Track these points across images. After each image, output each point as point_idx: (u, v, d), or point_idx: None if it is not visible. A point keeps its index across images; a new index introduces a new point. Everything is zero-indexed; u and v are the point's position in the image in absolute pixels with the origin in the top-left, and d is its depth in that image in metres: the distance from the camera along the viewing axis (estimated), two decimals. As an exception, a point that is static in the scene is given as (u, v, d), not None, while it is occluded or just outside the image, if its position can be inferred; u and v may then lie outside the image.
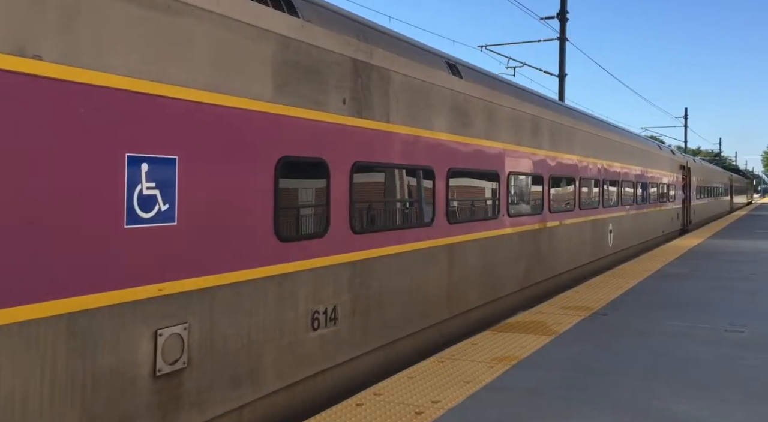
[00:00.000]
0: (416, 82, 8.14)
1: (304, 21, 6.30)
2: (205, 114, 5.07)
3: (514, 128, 11.20)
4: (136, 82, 4.52)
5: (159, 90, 4.69)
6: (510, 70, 26.49)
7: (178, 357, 4.83)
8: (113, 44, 4.37)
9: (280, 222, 5.86)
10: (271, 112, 5.77)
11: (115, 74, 4.38)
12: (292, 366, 6.03)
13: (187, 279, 4.93)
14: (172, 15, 4.83)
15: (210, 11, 5.15)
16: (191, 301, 4.96)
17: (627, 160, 19.51)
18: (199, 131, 5.03)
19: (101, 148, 4.28)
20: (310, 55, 6.31)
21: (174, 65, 4.81)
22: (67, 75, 4.09)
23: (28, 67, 3.88)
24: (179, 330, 4.84)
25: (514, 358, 7.49)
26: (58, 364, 4.05)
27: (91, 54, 4.23)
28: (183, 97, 4.88)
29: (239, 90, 5.41)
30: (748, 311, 10.44)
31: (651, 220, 22.99)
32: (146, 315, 4.60)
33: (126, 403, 4.47)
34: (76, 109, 4.14)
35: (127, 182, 4.45)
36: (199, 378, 5.05)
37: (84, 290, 4.18)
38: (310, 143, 6.29)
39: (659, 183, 24.55)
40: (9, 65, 3.78)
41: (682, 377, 6.87)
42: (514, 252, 11.16)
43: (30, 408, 3.91)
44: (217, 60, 5.21)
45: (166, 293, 4.74)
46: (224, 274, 5.27)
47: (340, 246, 6.69)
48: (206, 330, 5.10)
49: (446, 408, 5.85)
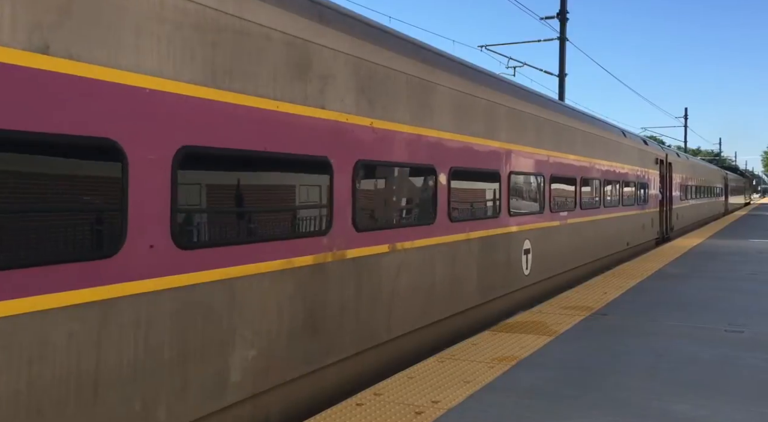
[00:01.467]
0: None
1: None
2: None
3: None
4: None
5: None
6: (510, 69, 26.49)
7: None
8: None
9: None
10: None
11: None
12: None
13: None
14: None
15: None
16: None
17: (565, 146, 13.78)
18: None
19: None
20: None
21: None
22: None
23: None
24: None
25: (514, 358, 7.49)
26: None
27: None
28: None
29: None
30: (748, 311, 10.44)
31: (606, 231, 17.00)
32: None
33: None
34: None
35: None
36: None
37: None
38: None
39: (623, 180, 18.77)
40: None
41: (682, 377, 6.87)
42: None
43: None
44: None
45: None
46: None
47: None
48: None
49: (446, 408, 5.85)
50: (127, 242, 4.42)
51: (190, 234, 5.02)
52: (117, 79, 4.36)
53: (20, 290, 3.81)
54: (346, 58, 6.81)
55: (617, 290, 12.42)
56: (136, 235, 4.48)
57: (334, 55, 6.62)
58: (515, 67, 26.59)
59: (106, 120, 4.26)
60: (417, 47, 8.57)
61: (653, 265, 16.32)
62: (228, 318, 5.29)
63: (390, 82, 7.63)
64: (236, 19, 5.40)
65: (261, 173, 5.80)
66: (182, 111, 4.88)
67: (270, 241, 5.75)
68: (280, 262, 5.88)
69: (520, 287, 11.33)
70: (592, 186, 15.84)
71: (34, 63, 3.87)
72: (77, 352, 4.12)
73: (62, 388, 4.05)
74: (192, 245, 4.97)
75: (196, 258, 4.99)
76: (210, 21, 5.15)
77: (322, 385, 6.53)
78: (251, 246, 5.55)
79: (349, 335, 6.86)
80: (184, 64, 4.89)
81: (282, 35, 5.92)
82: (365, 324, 7.13)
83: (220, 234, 5.31)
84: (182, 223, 4.90)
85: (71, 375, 4.09)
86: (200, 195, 5.21)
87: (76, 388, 4.12)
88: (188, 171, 4.92)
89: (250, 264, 5.53)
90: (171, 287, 4.78)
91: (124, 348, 4.43)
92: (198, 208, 5.16)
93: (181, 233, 4.85)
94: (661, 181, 24.59)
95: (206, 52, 5.10)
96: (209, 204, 5.30)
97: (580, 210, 14.72)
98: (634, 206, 20.11)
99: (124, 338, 4.42)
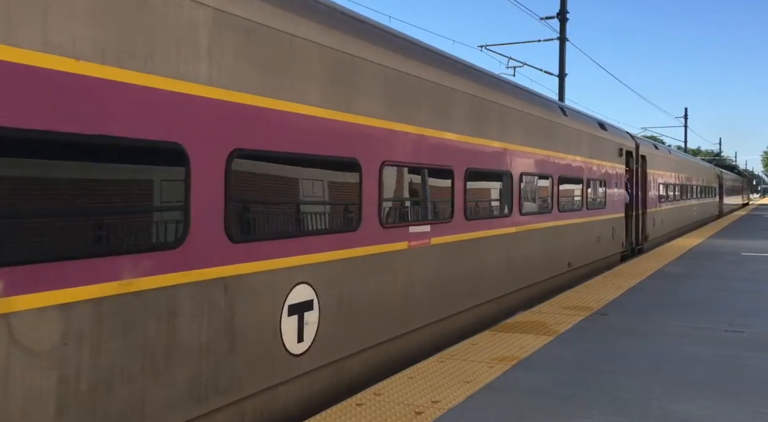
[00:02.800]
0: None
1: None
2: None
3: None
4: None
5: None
6: (510, 69, 26.48)
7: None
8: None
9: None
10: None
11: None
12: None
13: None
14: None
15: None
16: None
17: (469, 127, 9.51)
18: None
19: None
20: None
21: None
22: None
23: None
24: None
25: (514, 358, 7.49)
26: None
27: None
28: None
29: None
30: (748, 311, 10.43)
31: (525, 249, 11.60)
32: None
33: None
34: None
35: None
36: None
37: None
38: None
39: (559, 176, 13.30)
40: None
41: (682, 377, 6.87)
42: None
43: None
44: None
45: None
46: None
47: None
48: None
49: (446, 408, 5.85)
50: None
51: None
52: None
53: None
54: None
55: (617, 290, 12.42)
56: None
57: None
58: (515, 67, 26.59)
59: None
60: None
61: (653, 265, 16.31)
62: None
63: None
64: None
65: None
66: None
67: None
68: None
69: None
70: (502, 183, 10.79)
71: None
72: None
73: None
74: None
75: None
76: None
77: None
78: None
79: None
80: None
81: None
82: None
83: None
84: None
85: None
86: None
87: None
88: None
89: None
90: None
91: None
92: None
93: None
94: (631, 178, 19.66)
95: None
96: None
97: (464, 221, 9.32)
98: (581, 211, 14.89)
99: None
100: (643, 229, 21.24)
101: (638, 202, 20.46)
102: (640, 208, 20.74)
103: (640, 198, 20.66)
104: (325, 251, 6.40)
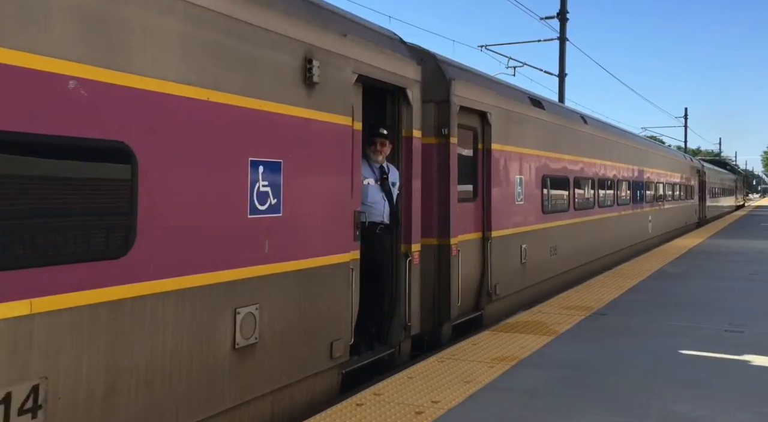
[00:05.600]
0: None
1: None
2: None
3: None
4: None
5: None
6: (510, 69, 26.49)
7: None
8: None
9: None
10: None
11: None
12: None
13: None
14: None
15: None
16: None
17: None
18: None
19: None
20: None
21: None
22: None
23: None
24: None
25: (514, 358, 7.49)
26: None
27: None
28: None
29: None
30: (748, 311, 10.43)
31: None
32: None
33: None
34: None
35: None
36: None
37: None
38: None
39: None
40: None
41: (682, 377, 6.86)
42: None
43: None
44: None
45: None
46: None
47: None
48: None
49: (446, 408, 5.84)
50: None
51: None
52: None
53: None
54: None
55: (617, 290, 12.41)
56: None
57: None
58: (515, 67, 26.60)
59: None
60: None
61: (653, 265, 16.31)
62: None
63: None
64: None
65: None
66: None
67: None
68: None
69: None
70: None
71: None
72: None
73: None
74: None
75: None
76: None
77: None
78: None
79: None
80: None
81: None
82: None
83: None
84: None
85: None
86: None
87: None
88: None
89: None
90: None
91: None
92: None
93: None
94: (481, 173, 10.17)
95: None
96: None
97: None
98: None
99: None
100: (447, 293, 9.04)
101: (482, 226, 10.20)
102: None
103: (483, 222, 10.14)
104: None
